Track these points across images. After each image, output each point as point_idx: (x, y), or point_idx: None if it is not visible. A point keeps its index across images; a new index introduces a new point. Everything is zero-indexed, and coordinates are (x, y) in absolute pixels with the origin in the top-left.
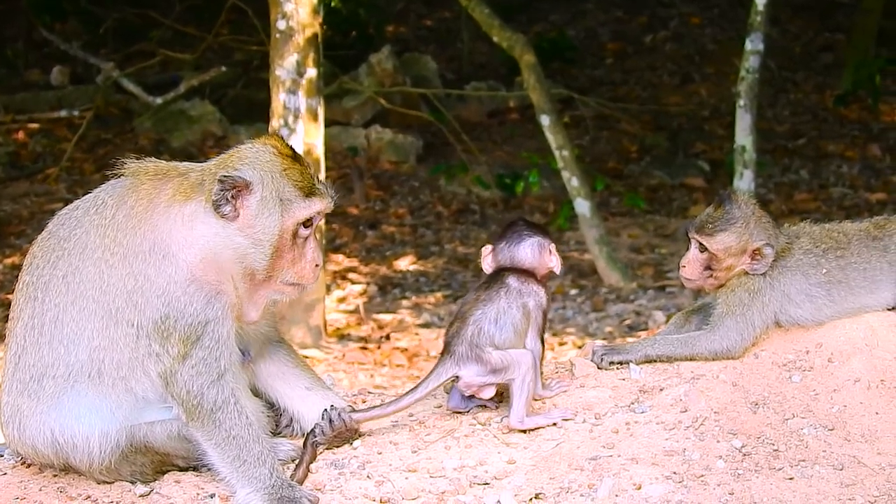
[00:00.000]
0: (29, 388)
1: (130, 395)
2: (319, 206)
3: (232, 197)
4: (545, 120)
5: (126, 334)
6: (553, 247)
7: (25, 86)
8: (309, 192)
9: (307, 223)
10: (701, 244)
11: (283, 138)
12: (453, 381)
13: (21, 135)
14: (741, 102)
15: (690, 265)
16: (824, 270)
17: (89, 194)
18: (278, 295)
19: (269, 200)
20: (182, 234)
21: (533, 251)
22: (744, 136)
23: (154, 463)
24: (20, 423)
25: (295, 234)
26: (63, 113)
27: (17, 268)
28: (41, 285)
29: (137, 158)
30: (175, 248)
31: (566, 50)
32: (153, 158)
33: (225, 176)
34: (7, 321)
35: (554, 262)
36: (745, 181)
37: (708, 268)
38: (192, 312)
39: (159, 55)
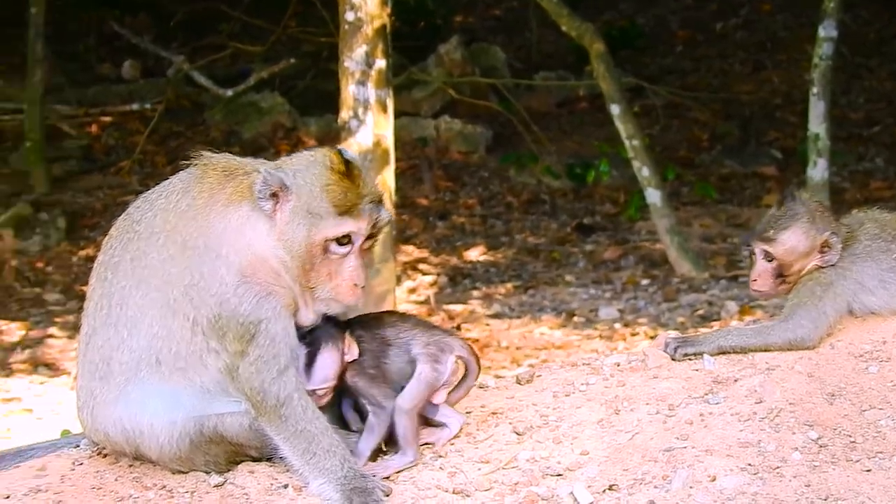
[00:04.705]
0: (99, 370)
1: (192, 386)
2: (351, 227)
3: (272, 195)
4: (615, 109)
5: (183, 327)
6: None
7: (97, 80)
8: (344, 211)
9: (342, 241)
10: (766, 252)
11: (341, 153)
12: None
13: (94, 128)
14: (814, 90)
15: (761, 277)
16: (895, 256)
17: (167, 180)
18: (324, 307)
19: (300, 211)
20: (234, 237)
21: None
22: (817, 123)
23: (227, 453)
24: (93, 409)
25: (326, 250)
26: (135, 106)
27: (91, 260)
28: (112, 265)
29: (209, 151)
30: (226, 250)
31: (636, 38)
32: (227, 154)
33: (268, 173)
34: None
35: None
36: (818, 170)
37: (779, 275)
38: (243, 312)
39: (229, 48)
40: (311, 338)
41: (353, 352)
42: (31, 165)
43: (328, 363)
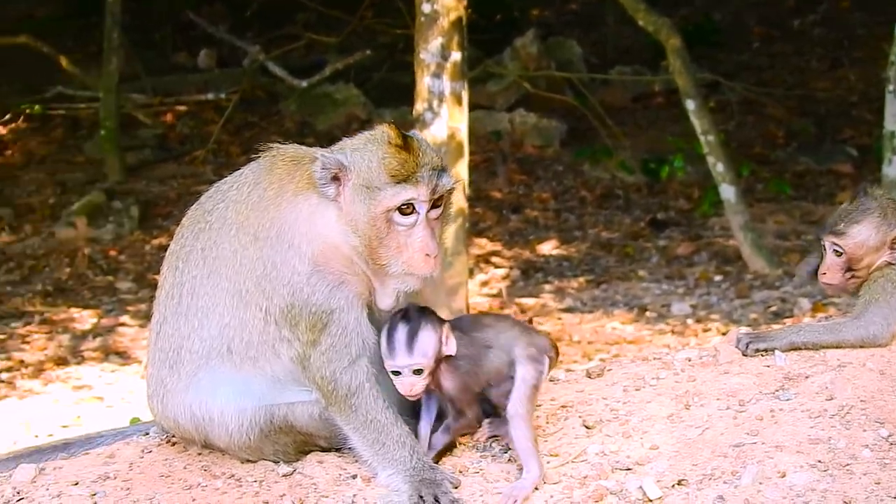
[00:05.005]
0: (169, 359)
1: (262, 375)
2: (410, 194)
3: (333, 178)
4: (690, 104)
5: (255, 317)
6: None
7: (173, 69)
8: (402, 179)
9: (405, 211)
10: (836, 246)
11: (397, 127)
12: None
13: (169, 117)
14: (891, 87)
15: (830, 271)
16: None
17: (238, 171)
18: (401, 284)
19: (360, 188)
20: (305, 226)
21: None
22: (893, 121)
23: (297, 443)
24: (163, 396)
25: (390, 222)
26: (210, 96)
27: (163, 248)
28: (183, 255)
29: (282, 141)
30: (298, 239)
31: (712, 34)
32: (295, 145)
33: (324, 156)
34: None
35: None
36: (893, 167)
37: (849, 269)
38: (315, 302)
39: (305, 39)
40: (410, 315)
41: (451, 345)
42: (105, 154)
43: (428, 341)
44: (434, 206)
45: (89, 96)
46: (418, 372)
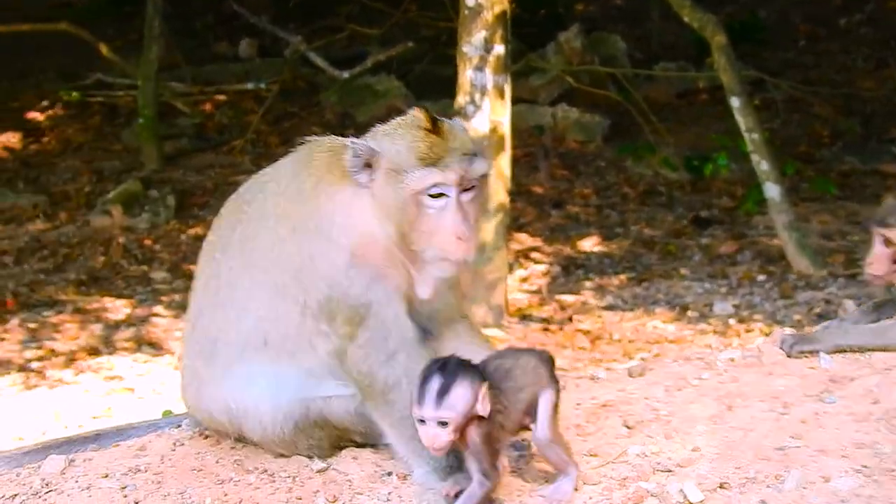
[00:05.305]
0: (205, 350)
1: (299, 368)
2: (437, 177)
3: (365, 165)
4: (735, 102)
5: (292, 311)
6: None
7: (214, 58)
8: (430, 163)
9: (434, 195)
10: (884, 237)
11: (429, 110)
12: None
13: (208, 106)
14: None
15: (877, 261)
16: None
17: (277, 162)
18: (437, 271)
19: (390, 172)
20: (342, 218)
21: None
22: None
23: (331, 438)
24: (198, 388)
25: (419, 206)
26: (250, 85)
27: (199, 239)
28: (220, 246)
29: (321, 133)
30: (336, 232)
31: (757, 31)
32: (333, 136)
33: (354, 142)
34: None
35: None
36: None
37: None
38: (354, 295)
39: (347, 30)
40: (448, 366)
41: (484, 407)
42: (142, 142)
43: (460, 396)
44: (466, 189)
45: (128, 84)
46: (443, 424)
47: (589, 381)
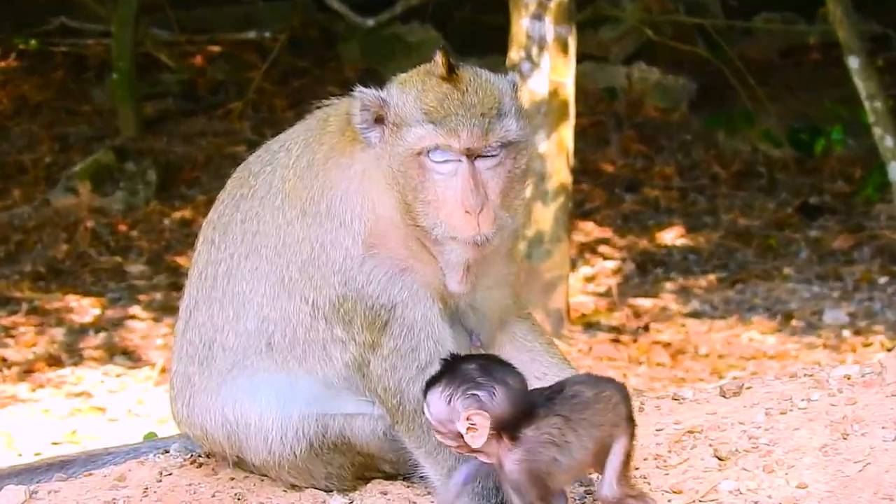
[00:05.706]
0: (199, 354)
1: (312, 376)
2: (439, 138)
3: (376, 120)
4: (853, 62)
5: (300, 311)
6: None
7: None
8: (436, 118)
9: (438, 158)
10: None
11: (449, 54)
12: None
13: (199, 59)
14: None
15: None
16: None
17: (291, 128)
18: (452, 255)
19: (393, 127)
20: (357, 198)
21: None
22: None
23: (355, 465)
24: (190, 399)
25: (422, 169)
26: (251, 34)
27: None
28: (220, 227)
29: (340, 94)
30: (350, 215)
31: None
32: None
33: (362, 92)
34: (179, 289)
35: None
36: None
37: None
38: (371, 294)
39: None
40: (447, 365)
41: (478, 439)
42: (117, 103)
43: (434, 403)
44: (482, 156)
45: (100, 31)
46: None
47: (672, 403)
